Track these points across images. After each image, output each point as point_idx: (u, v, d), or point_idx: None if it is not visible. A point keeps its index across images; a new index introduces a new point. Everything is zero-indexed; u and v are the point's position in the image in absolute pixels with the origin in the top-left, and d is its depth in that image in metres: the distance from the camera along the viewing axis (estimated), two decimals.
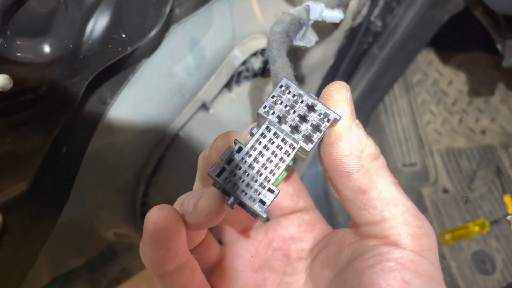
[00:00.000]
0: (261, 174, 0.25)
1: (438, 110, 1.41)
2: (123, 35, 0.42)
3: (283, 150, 0.25)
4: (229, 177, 0.25)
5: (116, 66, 0.48)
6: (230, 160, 0.25)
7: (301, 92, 0.25)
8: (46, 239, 0.57)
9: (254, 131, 0.26)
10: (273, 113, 0.25)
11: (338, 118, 0.25)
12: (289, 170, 0.35)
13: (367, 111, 1.14)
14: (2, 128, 0.40)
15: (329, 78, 0.92)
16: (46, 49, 0.36)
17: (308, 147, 0.25)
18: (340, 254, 0.29)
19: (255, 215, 0.25)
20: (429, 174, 1.30)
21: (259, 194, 0.24)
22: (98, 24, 0.39)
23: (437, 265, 0.26)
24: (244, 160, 0.25)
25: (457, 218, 1.24)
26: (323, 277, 0.30)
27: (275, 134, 0.25)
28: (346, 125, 0.25)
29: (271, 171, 0.25)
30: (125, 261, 0.83)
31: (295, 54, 0.71)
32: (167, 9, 0.44)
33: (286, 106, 0.25)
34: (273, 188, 0.25)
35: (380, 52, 0.98)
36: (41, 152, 0.47)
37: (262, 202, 0.24)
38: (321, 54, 0.77)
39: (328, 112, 0.25)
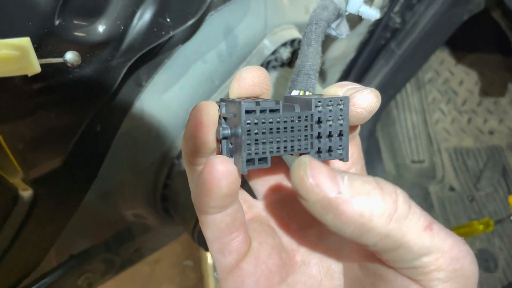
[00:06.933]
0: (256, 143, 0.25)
1: (448, 109, 1.42)
2: (168, 20, 0.43)
3: (296, 143, 0.25)
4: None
5: (154, 50, 0.49)
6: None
7: (348, 116, 0.26)
8: (72, 214, 0.58)
9: (296, 109, 0.26)
10: (320, 111, 0.25)
11: (346, 160, 0.26)
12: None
13: (380, 106, 1.15)
14: (49, 104, 0.42)
15: (346, 72, 0.93)
16: (100, 29, 0.38)
17: (315, 156, 0.26)
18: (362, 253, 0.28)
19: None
20: (436, 171, 1.31)
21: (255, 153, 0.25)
22: (148, 7, 0.40)
23: None
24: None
25: (462, 216, 1.26)
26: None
27: (306, 127, 0.25)
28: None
29: (278, 148, 0.25)
30: (139, 242, 0.85)
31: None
32: None
33: (330, 116, 0.26)
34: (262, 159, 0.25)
35: (398, 48, 0.99)
36: (78, 130, 0.48)
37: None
38: (344, 47, 0.78)
39: (345, 148, 0.26)
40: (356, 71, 1.00)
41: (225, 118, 0.26)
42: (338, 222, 0.23)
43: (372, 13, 0.48)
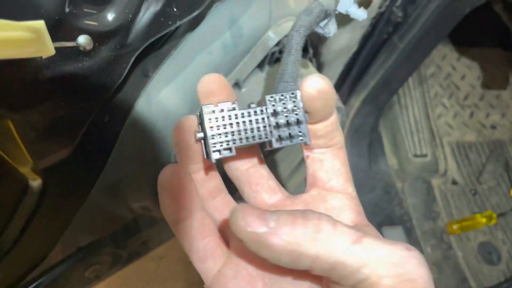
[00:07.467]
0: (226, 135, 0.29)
1: (450, 103, 1.43)
2: (175, 9, 0.44)
3: (256, 134, 0.30)
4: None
5: (160, 40, 0.50)
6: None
7: (301, 106, 0.30)
8: (80, 206, 0.59)
9: (252, 105, 0.30)
10: (273, 105, 0.30)
11: (308, 143, 0.30)
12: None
13: (382, 101, 1.16)
14: (59, 93, 0.43)
15: (349, 65, 0.93)
16: (109, 17, 0.38)
17: (275, 144, 0.30)
18: None
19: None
20: (439, 165, 1.32)
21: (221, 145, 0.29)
22: None
23: None
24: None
25: (465, 209, 1.26)
26: None
27: (263, 119, 0.30)
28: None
29: (240, 139, 0.29)
30: (146, 235, 0.85)
31: (321, 38, 0.73)
32: None
33: (285, 108, 0.30)
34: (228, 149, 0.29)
35: (400, 42, 0.99)
36: (87, 120, 0.49)
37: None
38: (347, 40, 0.79)
39: (305, 134, 0.30)
40: (358, 65, 1.01)
41: (201, 126, 0.31)
42: (272, 254, 0.25)
43: (360, 14, 0.50)
